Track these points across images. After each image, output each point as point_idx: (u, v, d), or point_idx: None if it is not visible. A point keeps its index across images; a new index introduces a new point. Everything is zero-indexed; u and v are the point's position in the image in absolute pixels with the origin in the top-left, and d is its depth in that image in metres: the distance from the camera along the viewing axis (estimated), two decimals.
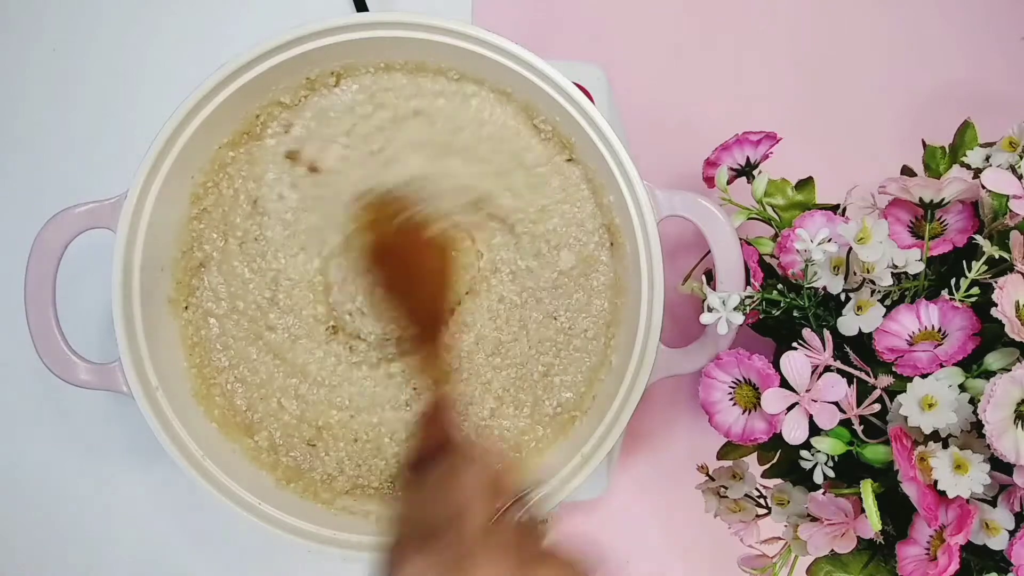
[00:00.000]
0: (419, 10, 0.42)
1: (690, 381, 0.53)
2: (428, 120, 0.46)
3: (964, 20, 0.56)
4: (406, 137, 0.46)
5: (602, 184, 0.45)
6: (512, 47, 0.42)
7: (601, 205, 0.46)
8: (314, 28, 0.42)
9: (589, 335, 0.46)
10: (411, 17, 0.42)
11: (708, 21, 0.57)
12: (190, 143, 0.42)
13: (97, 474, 0.53)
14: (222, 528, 0.53)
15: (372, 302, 0.46)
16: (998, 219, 0.37)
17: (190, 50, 0.56)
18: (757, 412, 0.36)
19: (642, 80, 0.55)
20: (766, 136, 0.45)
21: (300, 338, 0.46)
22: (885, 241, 0.35)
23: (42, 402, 0.53)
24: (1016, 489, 0.32)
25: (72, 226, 0.41)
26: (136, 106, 0.55)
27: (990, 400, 0.30)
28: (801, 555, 0.38)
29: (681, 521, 0.53)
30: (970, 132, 0.42)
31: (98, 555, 0.53)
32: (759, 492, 0.41)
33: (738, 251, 0.42)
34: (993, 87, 0.56)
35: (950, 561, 0.31)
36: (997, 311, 0.32)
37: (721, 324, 0.38)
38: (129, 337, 0.41)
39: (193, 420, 0.43)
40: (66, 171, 0.54)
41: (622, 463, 0.53)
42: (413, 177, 0.45)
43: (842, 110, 0.56)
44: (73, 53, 0.56)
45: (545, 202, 0.46)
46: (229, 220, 0.46)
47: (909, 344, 0.35)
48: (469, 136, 0.46)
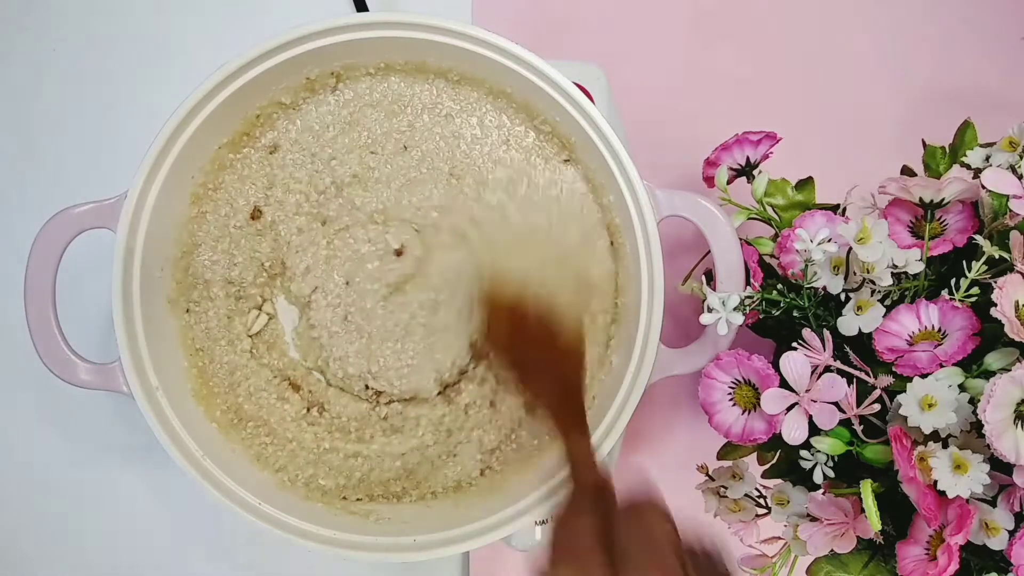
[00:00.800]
0: (419, 10, 0.42)
1: (690, 381, 0.53)
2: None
3: (964, 20, 0.56)
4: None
5: (602, 184, 0.45)
6: (512, 47, 0.42)
7: (601, 205, 0.46)
8: (314, 28, 0.42)
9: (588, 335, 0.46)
10: (411, 17, 0.42)
11: (708, 21, 0.57)
12: (190, 143, 0.42)
13: (97, 474, 0.53)
14: (222, 528, 0.53)
15: (506, 388, 0.44)
16: (998, 219, 0.37)
17: (190, 50, 0.56)
18: (757, 412, 0.36)
19: (642, 80, 0.55)
20: (766, 136, 0.45)
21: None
22: (885, 241, 0.35)
23: (42, 402, 0.53)
24: (1016, 489, 0.32)
25: (72, 226, 0.41)
26: (137, 106, 0.55)
27: (990, 400, 0.30)
28: (801, 555, 0.38)
29: (681, 521, 0.53)
30: (970, 132, 0.42)
31: (99, 554, 0.53)
32: (759, 492, 0.41)
33: (738, 251, 0.42)
34: (993, 87, 0.56)
35: (950, 561, 0.31)
36: (997, 311, 0.32)
37: (721, 324, 0.38)
38: (129, 337, 0.41)
39: (193, 420, 0.43)
40: (66, 171, 0.54)
41: (622, 463, 0.53)
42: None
43: (842, 110, 0.56)
44: (73, 53, 0.56)
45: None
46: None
47: (909, 344, 0.35)
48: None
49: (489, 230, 0.45)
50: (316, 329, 0.45)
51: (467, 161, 0.46)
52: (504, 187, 0.46)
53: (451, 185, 0.46)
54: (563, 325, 0.40)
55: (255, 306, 0.47)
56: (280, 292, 0.47)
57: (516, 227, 0.45)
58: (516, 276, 0.43)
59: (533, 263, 0.44)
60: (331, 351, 0.45)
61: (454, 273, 0.45)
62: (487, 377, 0.46)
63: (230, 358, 0.46)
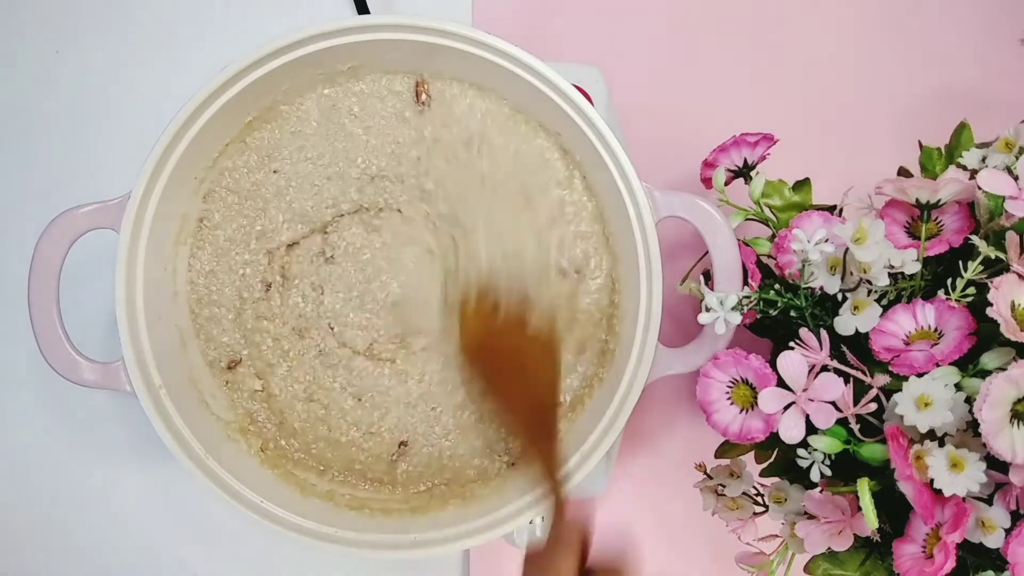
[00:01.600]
0: (420, 13, 0.43)
1: (688, 380, 0.54)
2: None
3: (961, 22, 0.57)
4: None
5: (601, 184, 0.45)
6: (512, 49, 0.42)
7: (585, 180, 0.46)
8: (316, 31, 0.42)
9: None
10: (411, 20, 0.42)
11: (705, 23, 0.57)
12: (193, 145, 0.42)
13: (101, 473, 0.53)
14: (225, 525, 0.53)
15: (478, 406, 0.43)
16: (994, 220, 0.37)
17: (193, 52, 0.56)
18: (754, 411, 0.37)
19: (640, 82, 0.56)
20: (763, 137, 0.45)
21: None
22: (881, 241, 0.35)
23: (45, 401, 0.53)
24: (1012, 487, 0.32)
25: (76, 226, 0.41)
26: (140, 108, 0.55)
27: (986, 399, 0.30)
28: (798, 553, 0.38)
29: (679, 519, 0.53)
30: (966, 133, 0.42)
31: (102, 553, 0.53)
32: (757, 490, 0.41)
33: (736, 252, 0.42)
34: (990, 89, 0.56)
35: (946, 559, 0.31)
36: (993, 311, 0.32)
37: (719, 324, 0.38)
38: (132, 337, 0.41)
39: (196, 418, 0.43)
40: (70, 172, 0.55)
41: (621, 462, 0.53)
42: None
43: (839, 112, 0.56)
44: (76, 55, 0.56)
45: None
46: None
47: (905, 344, 0.35)
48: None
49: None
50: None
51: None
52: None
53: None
54: (537, 334, 0.40)
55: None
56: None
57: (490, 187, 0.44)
58: (492, 277, 0.42)
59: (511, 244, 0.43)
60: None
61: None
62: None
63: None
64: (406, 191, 0.46)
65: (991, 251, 0.34)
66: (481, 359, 0.41)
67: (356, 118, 0.46)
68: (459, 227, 0.45)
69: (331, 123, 0.46)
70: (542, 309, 0.42)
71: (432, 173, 0.46)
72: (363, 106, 0.46)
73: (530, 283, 0.43)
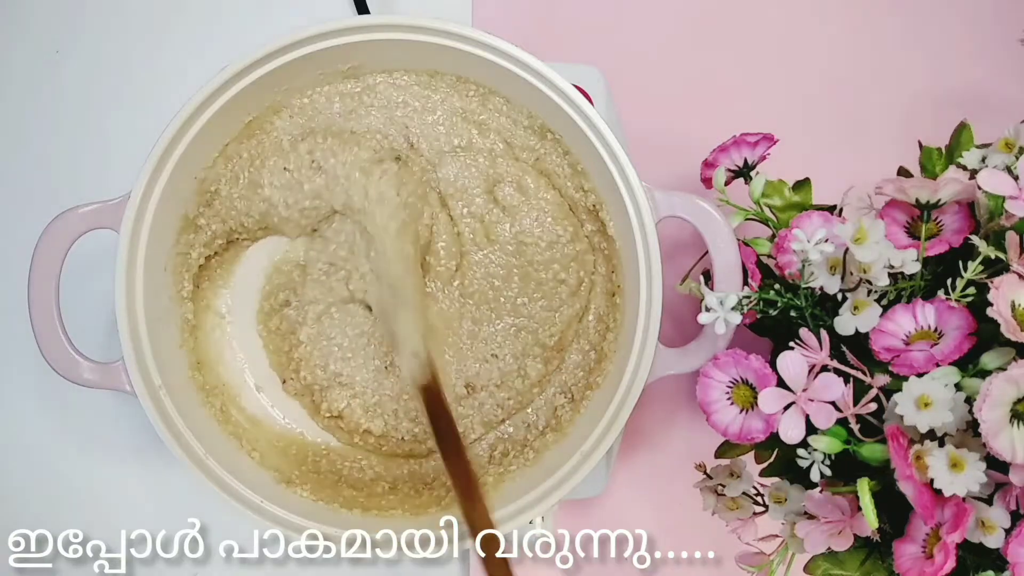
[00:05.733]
0: (419, 12, 0.43)
1: (688, 380, 0.53)
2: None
3: (961, 21, 0.57)
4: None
5: (599, 185, 0.45)
6: (511, 49, 0.42)
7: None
8: (316, 31, 0.42)
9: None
10: (411, 20, 0.42)
11: (706, 23, 0.57)
12: (193, 144, 0.42)
13: (101, 473, 0.53)
14: (225, 526, 0.53)
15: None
16: (994, 220, 0.37)
17: (192, 53, 0.56)
18: (754, 411, 0.37)
19: (640, 82, 0.56)
20: (763, 137, 0.45)
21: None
22: (881, 241, 0.35)
23: (46, 401, 0.53)
24: (1012, 487, 0.32)
25: (76, 226, 0.41)
26: (140, 107, 0.55)
27: (986, 399, 0.30)
28: (798, 553, 0.38)
29: (679, 519, 0.53)
30: (966, 133, 0.42)
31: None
32: (756, 490, 0.41)
33: (736, 251, 0.42)
34: (990, 89, 0.56)
35: (946, 559, 0.31)
36: (993, 311, 0.32)
37: (719, 324, 0.38)
38: (132, 336, 0.41)
39: (196, 419, 0.43)
40: (70, 171, 0.55)
41: (621, 462, 0.53)
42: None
43: (839, 111, 0.56)
44: (76, 54, 0.56)
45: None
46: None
47: (905, 344, 0.35)
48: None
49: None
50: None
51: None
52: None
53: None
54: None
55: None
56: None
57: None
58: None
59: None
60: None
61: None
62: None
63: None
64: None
65: (991, 251, 0.34)
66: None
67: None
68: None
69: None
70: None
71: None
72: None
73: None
